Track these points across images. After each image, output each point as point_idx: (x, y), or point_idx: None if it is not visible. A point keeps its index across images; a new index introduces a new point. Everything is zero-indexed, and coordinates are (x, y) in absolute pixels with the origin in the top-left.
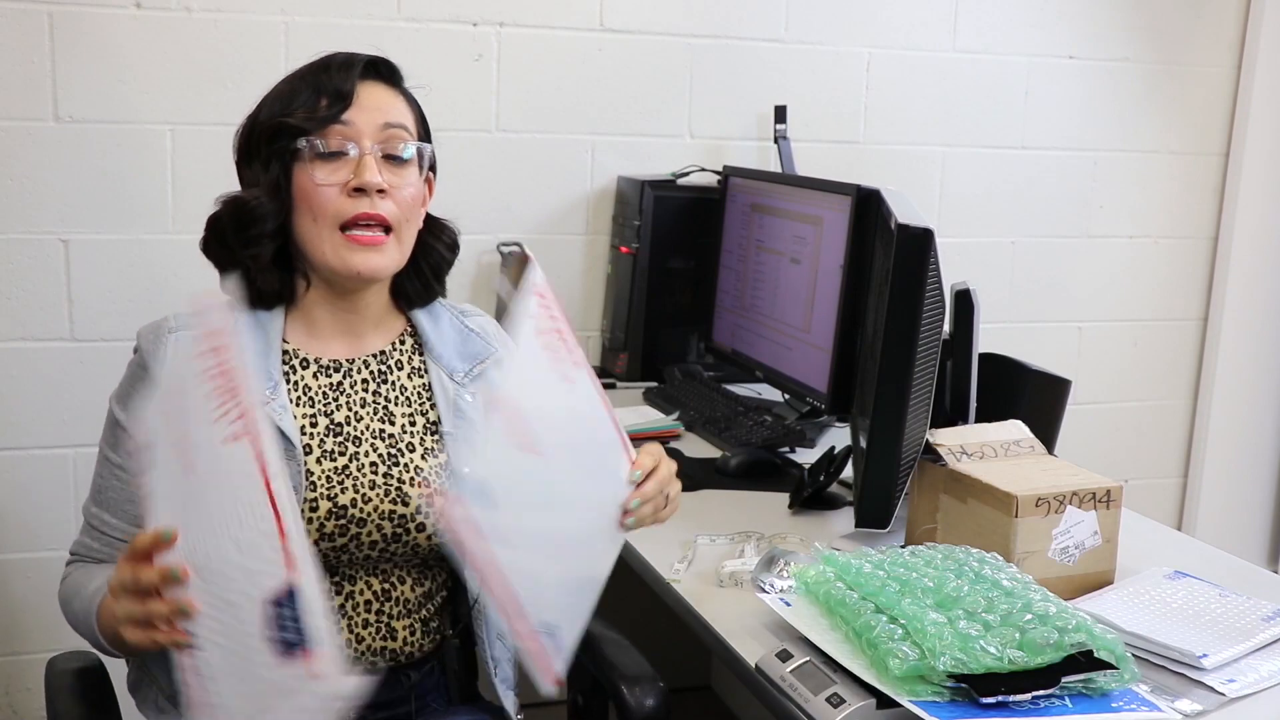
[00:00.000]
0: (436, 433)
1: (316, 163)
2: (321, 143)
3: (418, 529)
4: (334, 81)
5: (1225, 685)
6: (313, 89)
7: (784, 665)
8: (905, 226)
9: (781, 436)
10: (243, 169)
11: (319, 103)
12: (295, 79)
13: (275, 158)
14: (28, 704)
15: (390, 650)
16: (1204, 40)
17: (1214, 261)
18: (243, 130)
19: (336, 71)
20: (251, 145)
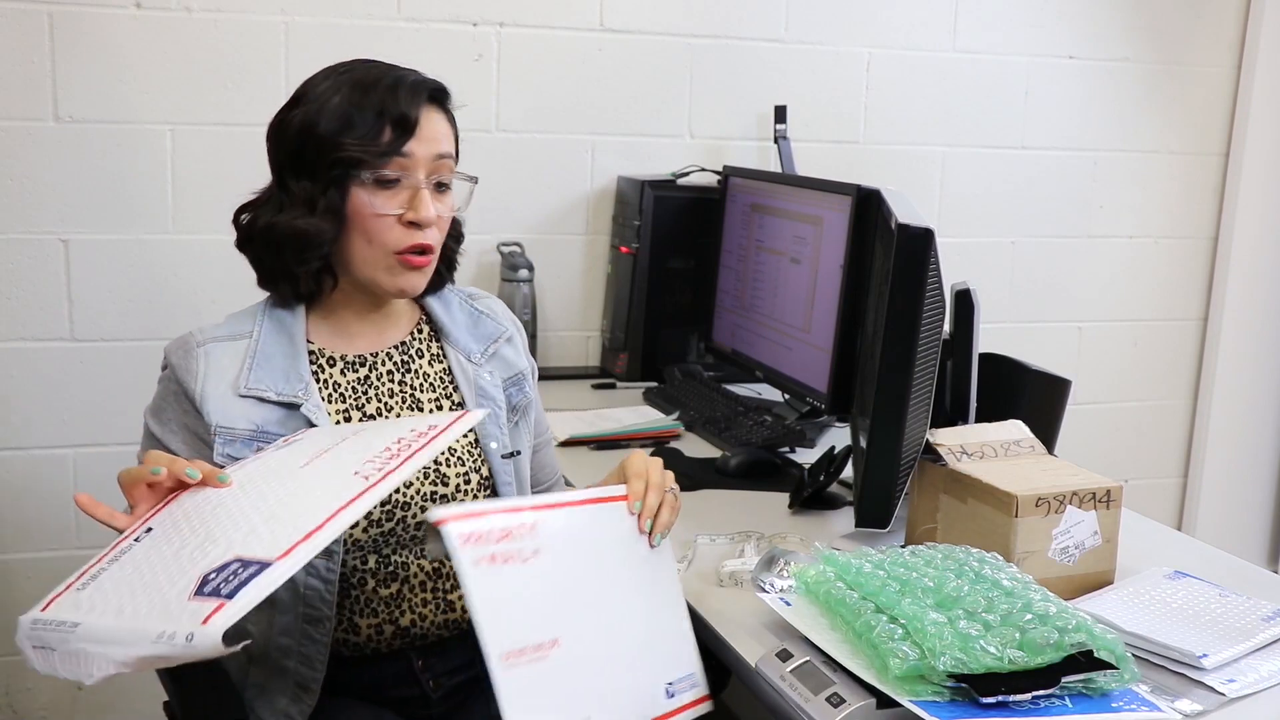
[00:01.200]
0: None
1: (375, 190)
2: (385, 172)
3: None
4: (400, 107)
5: (1225, 685)
6: (377, 114)
7: (784, 665)
8: (905, 226)
9: (781, 436)
10: (287, 174)
11: (383, 132)
12: (357, 94)
13: (334, 183)
14: (28, 704)
15: (452, 621)
16: (1204, 40)
17: (1214, 261)
18: (291, 134)
19: (405, 97)
20: (304, 158)
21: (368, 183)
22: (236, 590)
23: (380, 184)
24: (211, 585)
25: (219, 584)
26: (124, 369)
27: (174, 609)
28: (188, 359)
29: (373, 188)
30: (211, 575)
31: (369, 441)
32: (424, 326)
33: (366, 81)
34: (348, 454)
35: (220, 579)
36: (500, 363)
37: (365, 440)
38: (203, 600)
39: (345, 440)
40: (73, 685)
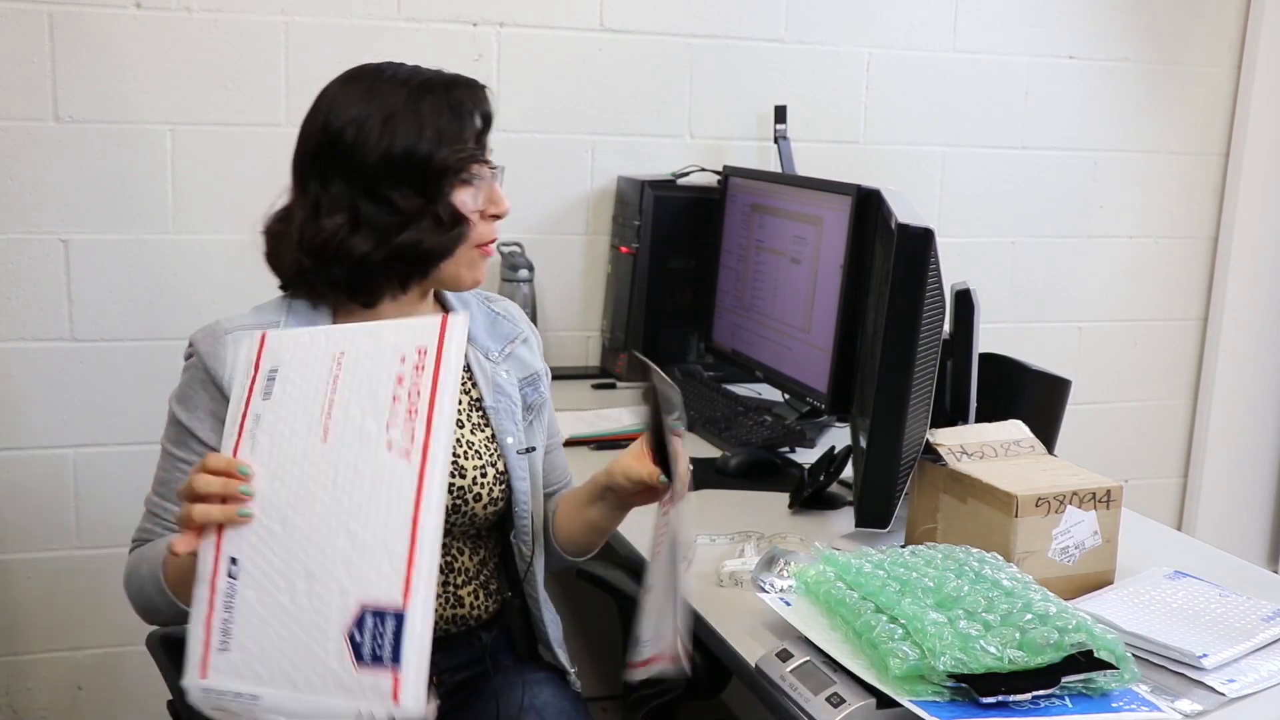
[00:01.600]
0: (480, 409)
1: (463, 189)
2: (482, 170)
3: (474, 499)
4: (484, 106)
5: (1225, 685)
6: (469, 115)
7: (784, 665)
8: (905, 226)
9: (781, 436)
10: (388, 190)
11: (475, 132)
12: (442, 99)
13: (442, 188)
14: (28, 704)
15: (460, 616)
16: (1204, 40)
17: (1214, 261)
18: (395, 152)
19: (481, 94)
20: (403, 172)
21: (467, 183)
22: (396, 653)
23: (468, 182)
24: (366, 650)
25: (372, 648)
26: (124, 369)
27: (348, 681)
28: (216, 347)
29: (467, 187)
30: (356, 636)
31: (365, 386)
32: None
33: (443, 83)
34: (358, 411)
35: (368, 641)
36: (516, 362)
37: (359, 382)
38: (371, 671)
39: (337, 382)
40: (73, 685)
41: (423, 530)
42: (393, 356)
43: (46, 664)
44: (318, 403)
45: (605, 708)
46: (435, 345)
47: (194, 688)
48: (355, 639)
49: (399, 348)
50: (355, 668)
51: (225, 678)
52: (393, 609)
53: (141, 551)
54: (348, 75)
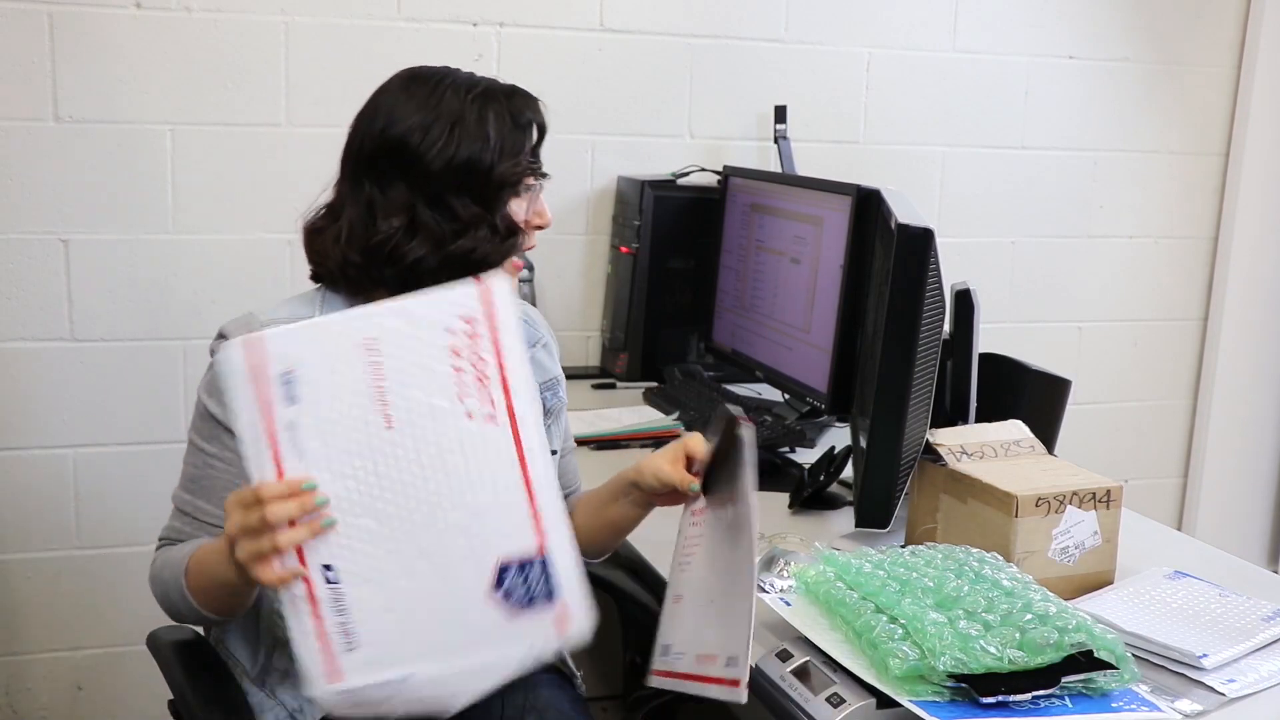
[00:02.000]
0: None
1: (516, 199)
2: (536, 182)
3: None
4: (540, 116)
5: (1225, 685)
6: (527, 125)
7: (784, 665)
8: (905, 226)
9: (781, 436)
10: (450, 197)
11: (530, 143)
12: (503, 109)
13: (497, 203)
14: (28, 704)
15: None
16: (1204, 40)
17: (1214, 261)
18: (459, 160)
19: (533, 108)
20: (467, 180)
21: (519, 194)
22: (550, 590)
23: (520, 193)
24: (519, 598)
25: (526, 594)
26: (124, 369)
27: (507, 630)
28: (255, 330)
29: (519, 198)
30: (504, 591)
31: (417, 365)
32: None
33: (503, 93)
34: (419, 391)
35: (519, 590)
36: (536, 367)
37: (408, 364)
38: (530, 614)
39: (379, 369)
40: (73, 685)
41: (535, 479)
42: (437, 331)
43: (46, 664)
44: (364, 393)
45: (605, 708)
46: (483, 311)
47: (328, 694)
48: (505, 593)
49: (440, 322)
50: (512, 617)
51: (363, 674)
52: (533, 555)
53: (168, 555)
54: (408, 77)
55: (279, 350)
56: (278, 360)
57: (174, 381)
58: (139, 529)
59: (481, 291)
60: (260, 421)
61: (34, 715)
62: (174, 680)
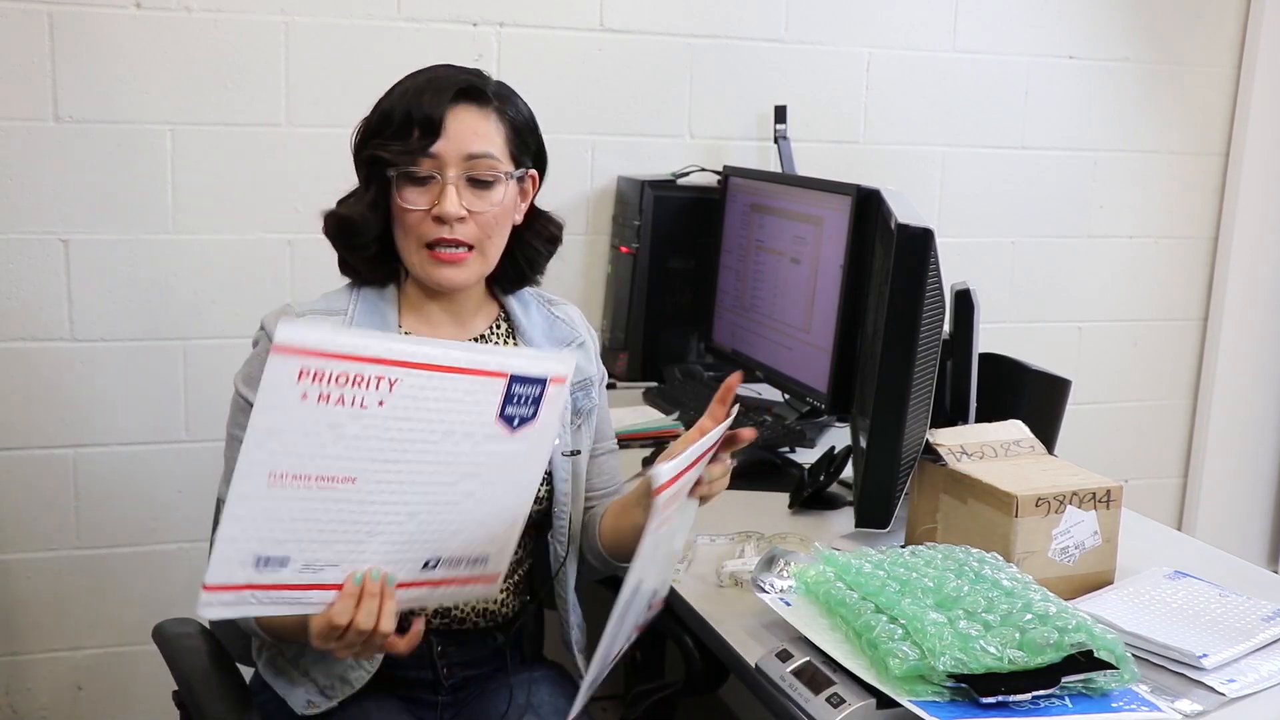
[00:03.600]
0: None
1: (407, 186)
2: (411, 169)
3: None
4: (425, 110)
5: (1225, 685)
6: (405, 116)
7: (784, 665)
8: (905, 226)
9: (781, 436)
10: (357, 171)
11: (411, 133)
12: (396, 97)
13: (374, 179)
14: (28, 704)
15: (490, 612)
16: (1204, 40)
17: (1214, 261)
18: (356, 136)
19: (429, 99)
20: (360, 156)
21: (401, 178)
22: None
23: (412, 180)
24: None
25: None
26: (124, 369)
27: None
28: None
29: (406, 183)
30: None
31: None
32: (502, 324)
33: (410, 85)
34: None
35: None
36: None
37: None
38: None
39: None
40: (73, 685)
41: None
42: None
43: (46, 664)
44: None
45: (605, 707)
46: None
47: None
48: (506, 413)
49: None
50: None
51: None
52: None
53: None
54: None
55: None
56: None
57: (174, 381)
58: (139, 529)
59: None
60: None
61: (34, 715)
62: (179, 671)
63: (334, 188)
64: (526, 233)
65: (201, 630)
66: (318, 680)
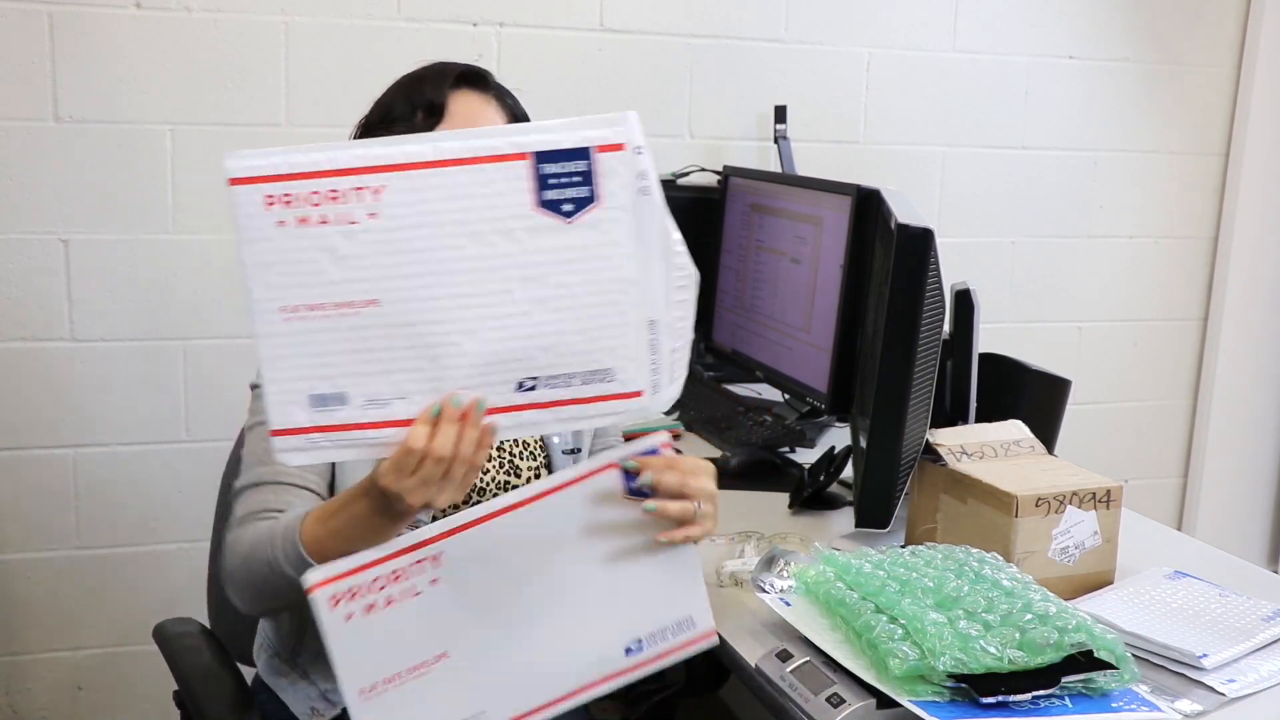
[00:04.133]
0: None
1: None
2: None
3: None
4: (426, 95)
5: (1225, 685)
6: (408, 102)
7: (784, 665)
8: (905, 226)
9: (781, 436)
10: None
11: (414, 118)
12: (395, 88)
13: None
14: (28, 704)
15: None
16: (1204, 40)
17: (1214, 261)
18: (356, 133)
19: (430, 85)
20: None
21: None
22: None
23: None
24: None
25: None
26: (124, 369)
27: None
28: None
29: None
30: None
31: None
32: None
33: (409, 77)
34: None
35: (558, 188)
36: None
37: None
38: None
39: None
40: (73, 685)
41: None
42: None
43: (46, 664)
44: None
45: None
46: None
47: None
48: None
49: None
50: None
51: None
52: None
53: (266, 527)
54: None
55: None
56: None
57: (174, 381)
58: (139, 529)
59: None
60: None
61: (34, 715)
62: (179, 671)
63: None
64: None
65: (202, 630)
66: (318, 684)
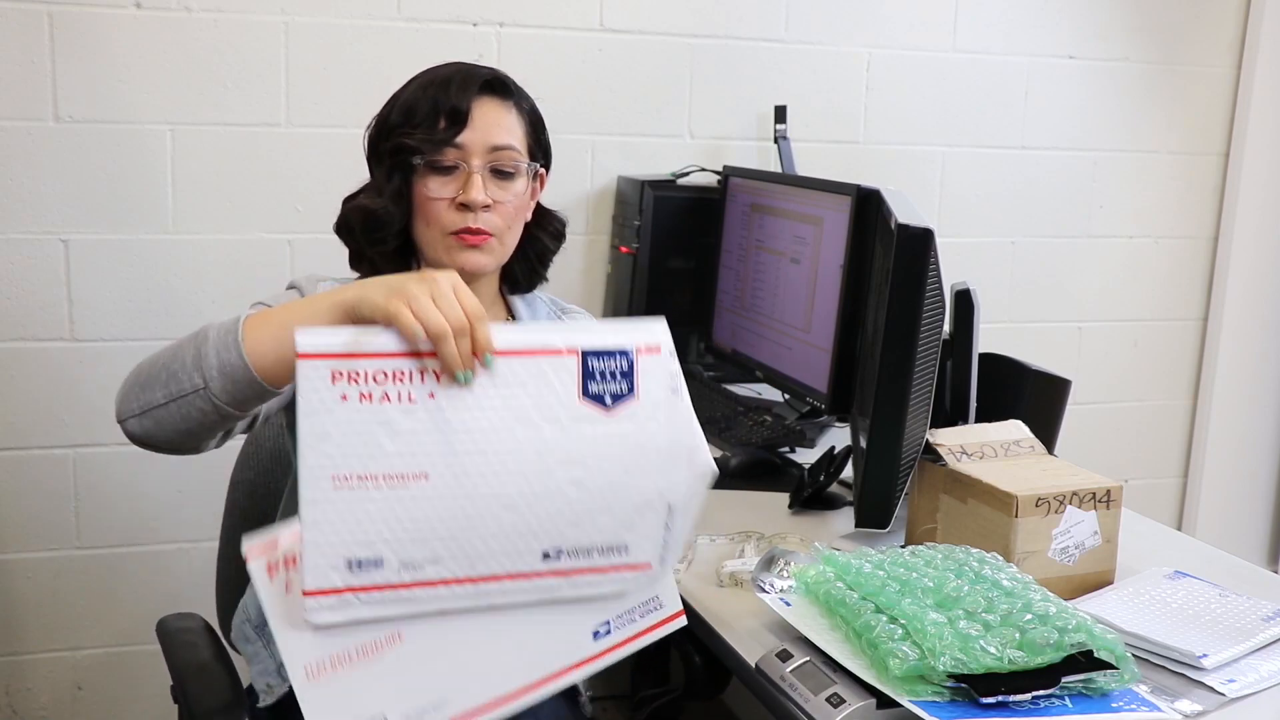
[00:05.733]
0: None
1: (431, 176)
2: (438, 159)
3: None
4: (452, 101)
5: (1225, 685)
6: (432, 107)
7: (784, 665)
8: (905, 226)
9: (781, 436)
10: (372, 166)
11: (438, 123)
12: (419, 89)
13: (398, 169)
14: (28, 704)
15: None
16: (1204, 40)
17: (1214, 261)
18: (372, 131)
19: (456, 91)
20: (379, 150)
21: (426, 169)
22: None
23: (436, 170)
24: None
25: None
26: (124, 369)
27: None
28: (315, 288)
29: (430, 173)
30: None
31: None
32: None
33: (433, 78)
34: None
35: (602, 382)
36: None
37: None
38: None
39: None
40: (73, 685)
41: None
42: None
43: (46, 664)
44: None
45: (605, 707)
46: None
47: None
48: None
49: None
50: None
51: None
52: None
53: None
54: (430, 67)
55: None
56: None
57: None
58: (139, 529)
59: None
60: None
61: (34, 715)
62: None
63: (334, 188)
64: (535, 229)
65: (204, 626)
66: (275, 655)
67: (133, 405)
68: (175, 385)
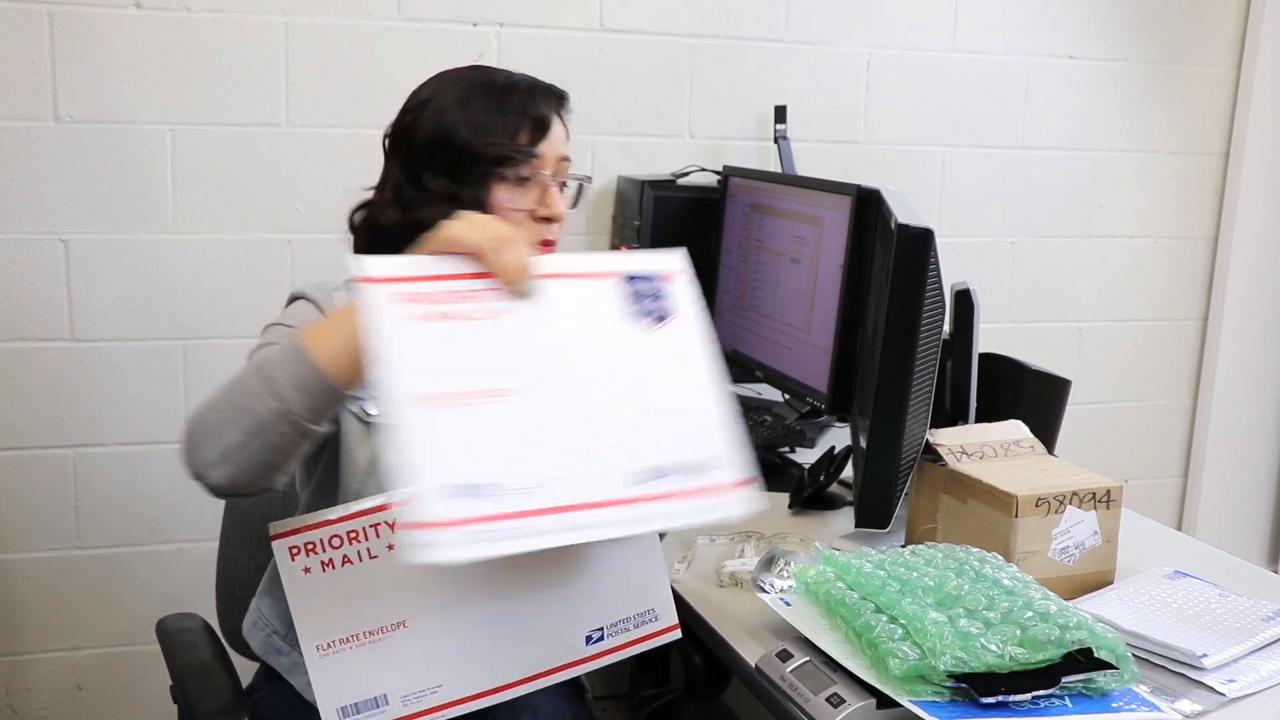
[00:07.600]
0: None
1: (509, 186)
2: (520, 171)
3: None
4: (539, 109)
5: (1225, 685)
6: (519, 115)
7: (784, 665)
8: (905, 226)
9: (781, 436)
10: (422, 172)
11: (521, 133)
12: (491, 98)
13: (477, 179)
14: (28, 704)
15: None
16: (1204, 40)
17: (1214, 261)
18: (424, 136)
19: (541, 101)
20: (441, 158)
21: (509, 180)
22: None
23: (517, 181)
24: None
25: (647, 308)
26: (124, 369)
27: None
28: (329, 296)
29: (511, 185)
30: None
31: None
32: None
33: (501, 85)
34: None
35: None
36: None
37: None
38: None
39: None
40: (73, 685)
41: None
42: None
43: (46, 664)
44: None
45: (605, 707)
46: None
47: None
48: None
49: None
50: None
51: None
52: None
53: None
54: (455, 69)
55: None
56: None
57: (174, 381)
58: (139, 529)
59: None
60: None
61: (34, 715)
62: (173, 665)
63: (334, 187)
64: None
65: (204, 627)
66: (272, 621)
67: (209, 455)
68: (251, 419)
